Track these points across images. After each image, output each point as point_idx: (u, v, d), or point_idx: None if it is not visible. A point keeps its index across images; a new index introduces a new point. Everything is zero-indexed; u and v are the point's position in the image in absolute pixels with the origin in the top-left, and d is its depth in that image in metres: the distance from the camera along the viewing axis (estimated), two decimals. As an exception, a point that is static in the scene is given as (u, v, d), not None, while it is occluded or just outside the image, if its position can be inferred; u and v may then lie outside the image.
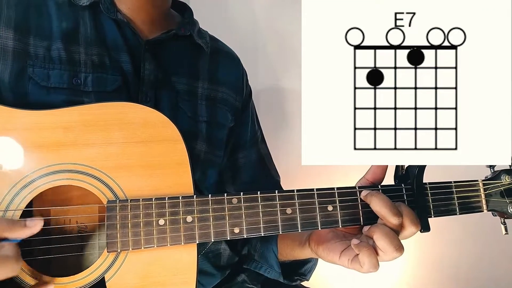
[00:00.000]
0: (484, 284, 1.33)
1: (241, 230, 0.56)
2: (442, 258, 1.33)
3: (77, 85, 0.63)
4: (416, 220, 0.57)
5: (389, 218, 0.56)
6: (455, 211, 0.62)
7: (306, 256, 0.71)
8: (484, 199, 0.63)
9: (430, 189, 0.61)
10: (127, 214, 0.55)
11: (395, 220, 0.55)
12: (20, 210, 0.53)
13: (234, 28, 1.26)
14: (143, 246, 0.54)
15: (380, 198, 0.57)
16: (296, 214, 0.58)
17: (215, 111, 0.76)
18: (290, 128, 1.29)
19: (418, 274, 1.34)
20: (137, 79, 0.68)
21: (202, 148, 0.73)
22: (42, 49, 0.63)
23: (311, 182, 1.23)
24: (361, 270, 0.57)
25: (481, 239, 1.31)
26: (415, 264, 1.33)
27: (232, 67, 0.82)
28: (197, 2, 1.13)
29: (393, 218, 0.55)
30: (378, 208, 0.56)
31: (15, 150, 0.55)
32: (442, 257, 1.33)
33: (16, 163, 0.54)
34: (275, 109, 1.29)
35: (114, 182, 0.56)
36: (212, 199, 0.56)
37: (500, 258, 1.33)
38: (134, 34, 0.69)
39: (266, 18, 1.28)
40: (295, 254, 0.73)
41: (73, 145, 0.56)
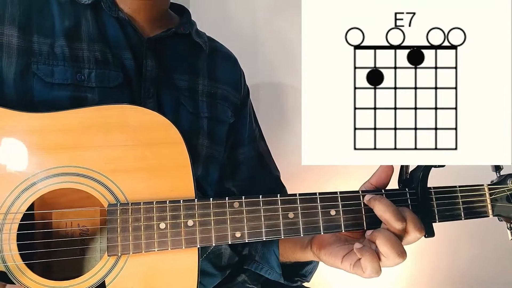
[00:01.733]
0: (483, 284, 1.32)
1: (242, 235, 0.56)
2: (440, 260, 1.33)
3: (80, 81, 0.64)
4: (420, 225, 0.56)
5: (393, 223, 0.55)
6: (460, 216, 0.61)
7: (307, 259, 0.71)
8: (490, 204, 0.62)
9: (434, 194, 0.60)
10: (128, 218, 0.54)
11: (398, 225, 0.55)
12: (21, 213, 0.53)
13: (234, 26, 1.26)
14: (143, 250, 0.54)
15: (384, 203, 0.56)
16: (298, 218, 0.57)
17: (216, 108, 0.77)
18: (290, 127, 1.29)
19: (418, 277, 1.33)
20: (139, 76, 0.69)
21: (204, 144, 0.74)
22: (45, 46, 0.63)
23: (311, 181, 1.23)
24: (363, 275, 0.57)
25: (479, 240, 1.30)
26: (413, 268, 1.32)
27: (230, 67, 0.84)
28: (197, 1, 1.13)
29: (397, 223, 0.55)
30: (382, 212, 0.56)
31: (16, 153, 0.54)
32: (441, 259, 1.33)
33: (17, 166, 0.54)
34: (275, 108, 1.29)
35: (115, 185, 0.55)
36: (213, 203, 0.56)
37: (498, 260, 1.32)
38: (135, 32, 0.69)
39: (265, 17, 1.27)
40: (297, 257, 0.73)
41: (74, 148, 0.55)
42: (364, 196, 0.59)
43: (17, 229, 0.53)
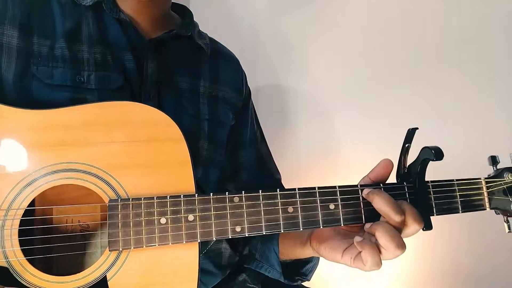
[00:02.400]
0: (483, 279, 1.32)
1: (242, 229, 0.56)
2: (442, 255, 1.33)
3: (80, 83, 0.64)
4: (419, 218, 0.57)
5: (392, 216, 0.55)
6: (458, 209, 0.62)
7: (307, 255, 0.71)
8: (487, 197, 0.63)
9: (432, 187, 0.61)
10: (128, 213, 0.55)
11: (397, 218, 0.55)
12: (22, 209, 0.53)
13: (235, 27, 1.27)
14: (144, 245, 0.54)
15: (382, 196, 0.57)
16: (297, 212, 0.58)
17: (217, 110, 0.77)
18: (290, 127, 1.29)
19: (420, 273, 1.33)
20: (140, 78, 0.69)
21: (204, 146, 0.74)
22: (45, 48, 0.63)
23: (311, 181, 1.24)
24: (364, 268, 0.57)
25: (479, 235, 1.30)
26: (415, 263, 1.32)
27: (231, 68, 0.84)
28: (198, 2, 1.14)
29: (396, 216, 0.55)
30: (380, 206, 0.56)
31: (17, 149, 0.55)
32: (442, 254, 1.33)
33: (18, 162, 0.54)
34: (276, 108, 1.29)
35: (116, 181, 0.56)
36: (213, 197, 0.56)
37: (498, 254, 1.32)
38: (137, 34, 0.69)
39: (266, 17, 1.28)
40: (297, 253, 0.73)
41: (75, 144, 0.56)
42: (363, 190, 0.59)
43: (18, 225, 0.53)
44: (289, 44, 1.28)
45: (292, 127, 1.29)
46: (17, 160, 0.54)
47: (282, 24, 1.27)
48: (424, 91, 1.28)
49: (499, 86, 1.24)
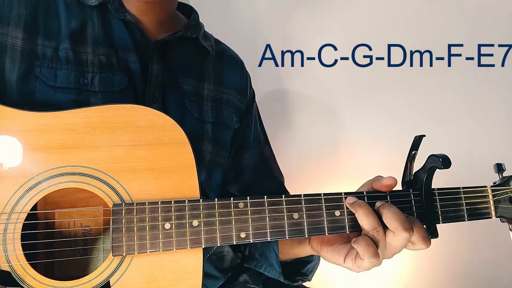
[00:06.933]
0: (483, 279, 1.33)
1: (247, 235, 0.56)
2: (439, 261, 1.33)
3: (84, 85, 0.63)
4: (427, 238, 0.56)
5: (400, 232, 0.54)
6: (464, 217, 0.61)
7: (305, 253, 0.71)
8: (493, 205, 0.62)
9: (438, 195, 0.61)
10: (132, 218, 0.54)
11: (405, 235, 0.54)
12: (25, 212, 0.53)
13: (237, 28, 1.26)
14: (148, 250, 0.54)
15: (393, 211, 0.55)
16: (303, 219, 0.57)
17: (221, 113, 0.77)
18: (290, 128, 1.29)
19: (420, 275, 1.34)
20: (144, 79, 0.68)
21: (208, 149, 0.73)
22: (49, 49, 0.63)
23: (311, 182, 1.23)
24: (364, 265, 0.56)
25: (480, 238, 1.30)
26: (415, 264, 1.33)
27: (236, 70, 0.83)
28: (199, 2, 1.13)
29: (404, 233, 0.54)
30: (389, 220, 0.55)
31: (21, 152, 0.54)
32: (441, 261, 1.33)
33: (21, 165, 0.54)
34: (278, 111, 1.29)
35: (120, 185, 0.55)
36: (218, 203, 0.56)
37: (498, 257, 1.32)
38: (142, 35, 0.69)
39: (269, 19, 1.28)
40: (295, 251, 0.73)
41: (79, 148, 0.55)
42: (375, 203, 0.58)
43: (21, 229, 0.53)
44: (292, 46, 1.27)
45: (292, 127, 1.29)
46: (21, 163, 0.54)
47: (285, 26, 1.26)
48: (427, 92, 1.28)
49: (508, 93, 1.24)
